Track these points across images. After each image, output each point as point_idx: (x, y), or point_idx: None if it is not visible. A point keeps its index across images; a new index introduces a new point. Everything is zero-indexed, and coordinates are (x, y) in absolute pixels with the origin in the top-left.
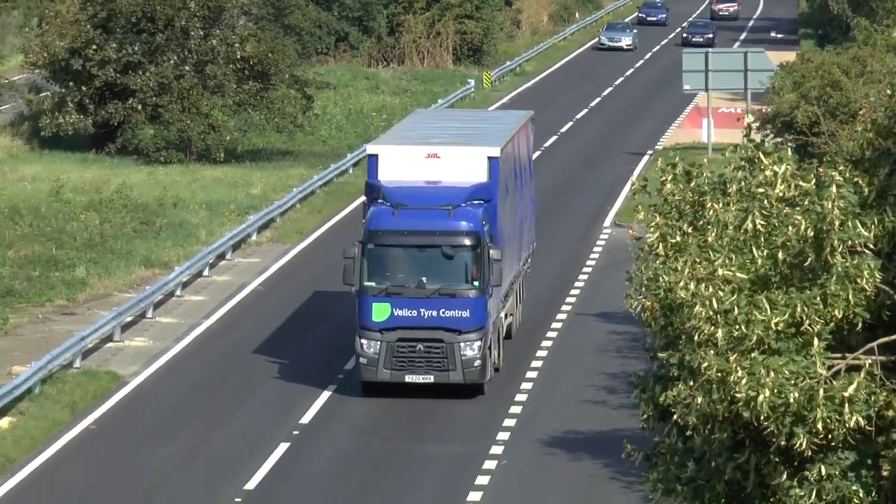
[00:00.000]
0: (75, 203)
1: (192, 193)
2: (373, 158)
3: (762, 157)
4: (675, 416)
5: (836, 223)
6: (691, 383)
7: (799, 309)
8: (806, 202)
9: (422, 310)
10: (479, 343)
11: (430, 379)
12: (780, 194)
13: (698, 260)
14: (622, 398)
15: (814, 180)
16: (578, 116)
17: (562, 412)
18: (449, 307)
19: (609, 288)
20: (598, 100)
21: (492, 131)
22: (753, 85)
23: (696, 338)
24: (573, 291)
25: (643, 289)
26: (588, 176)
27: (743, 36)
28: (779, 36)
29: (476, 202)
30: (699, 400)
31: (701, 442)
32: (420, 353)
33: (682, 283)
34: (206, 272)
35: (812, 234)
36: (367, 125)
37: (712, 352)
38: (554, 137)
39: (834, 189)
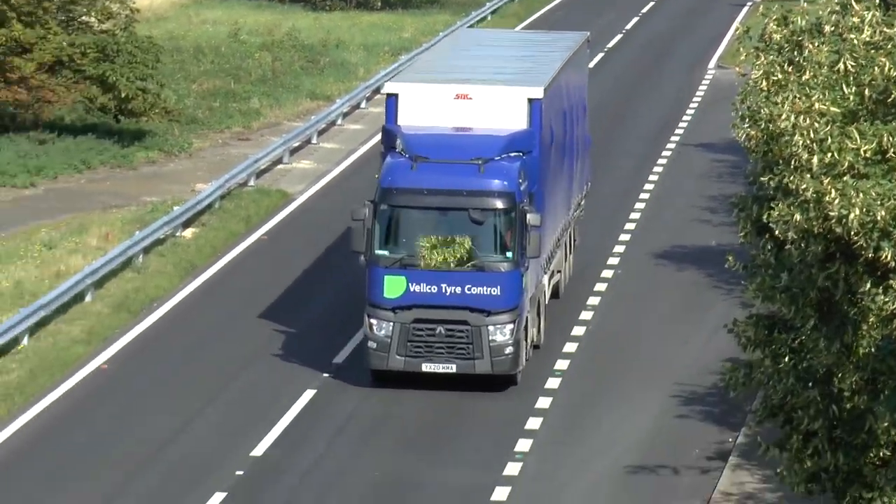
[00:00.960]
0: (250, 43)
1: (352, 36)
2: (391, 99)
3: (853, 3)
4: (775, 232)
5: None
6: (789, 203)
7: (885, 138)
8: (889, 46)
9: (443, 285)
10: (511, 326)
11: (452, 369)
12: (868, 39)
13: (797, 95)
14: (723, 217)
15: None
16: None
17: (670, 229)
18: (476, 283)
19: (712, 122)
20: None
21: (536, 63)
22: None
23: (793, 163)
24: (681, 124)
25: (748, 120)
26: (693, 23)
27: None
28: None
29: (513, 154)
30: (797, 217)
31: (797, 255)
32: (440, 336)
33: (783, 116)
34: (363, 105)
35: (895, 74)
36: None
37: (809, 175)
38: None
39: None
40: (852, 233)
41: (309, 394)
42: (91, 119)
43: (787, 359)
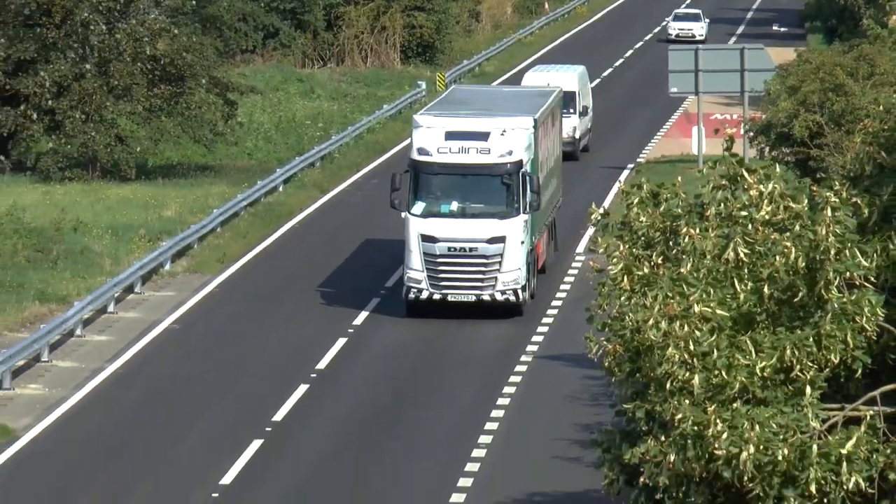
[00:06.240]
0: None
1: (95, 216)
2: None
3: (745, 174)
4: (643, 478)
5: (832, 252)
6: (662, 439)
7: (788, 352)
8: (797, 227)
9: None
10: None
11: None
12: (767, 217)
13: (671, 294)
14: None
15: (806, 201)
16: None
17: (526, 470)
18: None
19: (580, 326)
20: None
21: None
22: (752, 86)
23: (668, 385)
24: (540, 328)
25: (606, 329)
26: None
27: (740, 30)
28: (782, 30)
29: None
30: (672, 458)
31: None
32: None
33: (651, 322)
34: (111, 307)
35: (804, 264)
36: (301, 135)
37: (687, 401)
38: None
39: (829, 212)
40: (745, 478)
41: None
42: None
43: None
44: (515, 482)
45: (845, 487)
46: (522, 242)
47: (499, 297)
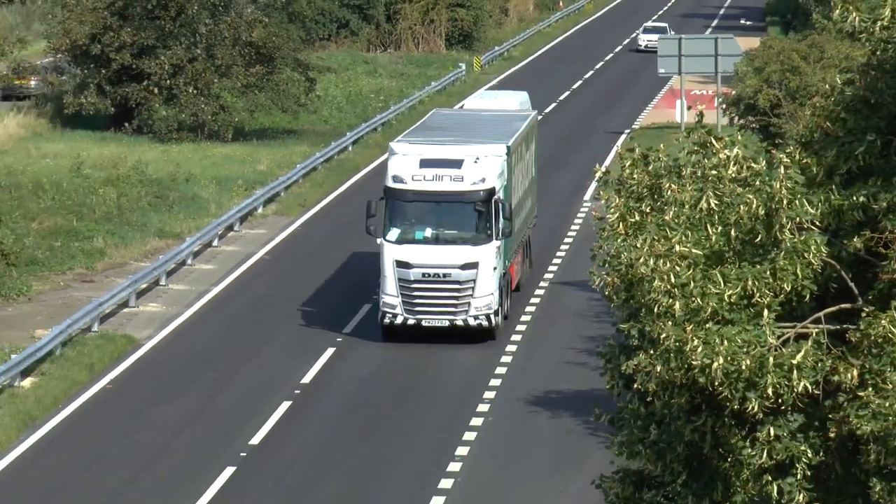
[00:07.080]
0: (94, 178)
1: (203, 169)
2: None
3: (714, 141)
4: (636, 384)
5: (785, 202)
6: (651, 353)
7: (750, 282)
8: (757, 182)
9: None
10: None
11: None
12: (733, 175)
13: (657, 237)
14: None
15: (764, 162)
16: (561, 98)
17: (543, 373)
18: None
19: (587, 258)
20: (579, 82)
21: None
22: (724, 68)
23: (655, 310)
24: (555, 261)
25: (605, 265)
26: (571, 153)
27: (714, 23)
28: (748, 23)
29: None
30: (658, 368)
31: (661, 406)
32: None
33: (641, 260)
34: (215, 242)
35: (762, 212)
36: (366, 106)
37: (670, 323)
38: (538, 118)
39: (782, 170)
40: (716, 383)
41: None
42: None
43: None
44: (534, 382)
45: (796, 390)
46: (495, 268)
47: (472, 321)
